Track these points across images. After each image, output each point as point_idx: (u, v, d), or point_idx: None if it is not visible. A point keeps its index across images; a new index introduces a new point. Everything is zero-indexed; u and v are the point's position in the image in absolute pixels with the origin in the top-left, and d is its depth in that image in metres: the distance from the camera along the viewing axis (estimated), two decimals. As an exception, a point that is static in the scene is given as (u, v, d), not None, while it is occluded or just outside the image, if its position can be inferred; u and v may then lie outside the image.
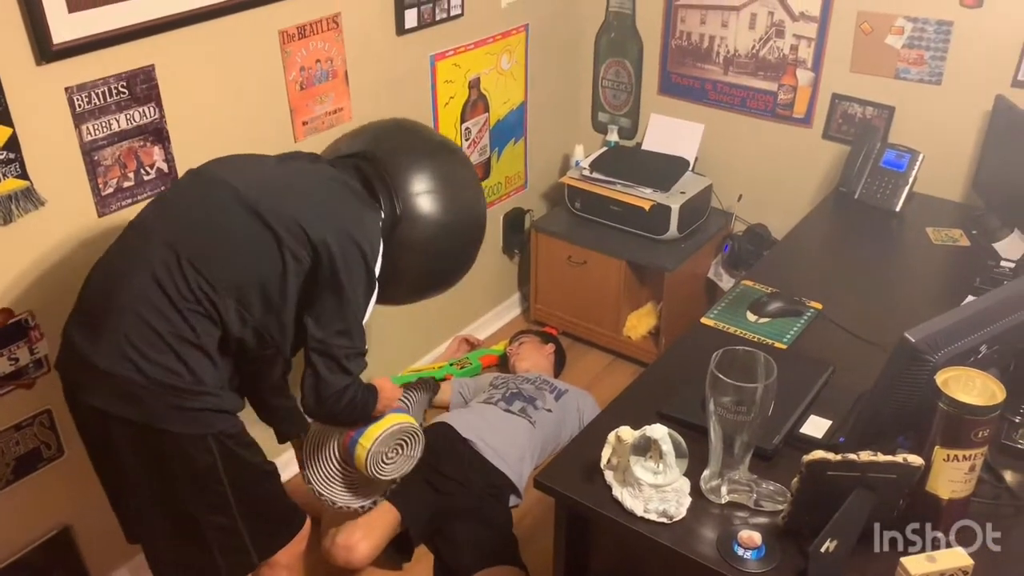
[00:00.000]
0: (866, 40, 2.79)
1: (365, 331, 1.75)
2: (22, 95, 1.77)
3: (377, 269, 1.73)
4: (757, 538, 1.43)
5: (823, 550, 1.36)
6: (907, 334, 1.44)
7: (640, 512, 1.51)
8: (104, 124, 1.93)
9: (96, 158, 1.93)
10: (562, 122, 3.45)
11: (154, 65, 1.98)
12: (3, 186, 1.79)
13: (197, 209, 1.66)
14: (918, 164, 2.66)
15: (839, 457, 1.35)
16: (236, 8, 2.09)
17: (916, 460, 1.36)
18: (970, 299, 2.08)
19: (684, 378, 1.78)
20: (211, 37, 2.07)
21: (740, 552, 1.42)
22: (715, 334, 2.04)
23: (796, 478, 1.40)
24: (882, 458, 1.35)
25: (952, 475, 1.40)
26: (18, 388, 1.95)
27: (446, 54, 2.78)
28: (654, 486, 1.51)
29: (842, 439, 1.63)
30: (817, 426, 1.69)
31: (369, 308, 1.74)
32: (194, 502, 1.68)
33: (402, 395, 2.17)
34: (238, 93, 2.18)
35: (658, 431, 1.50)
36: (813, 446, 1.50)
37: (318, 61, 2.35)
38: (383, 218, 1.78)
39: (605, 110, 3.46)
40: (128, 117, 1.96)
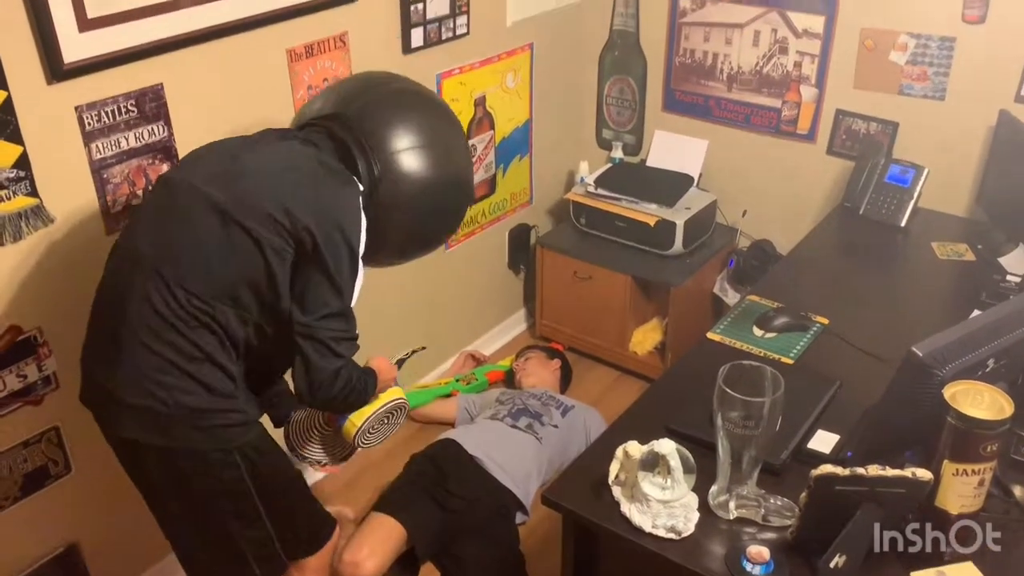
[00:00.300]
0: (869, 56, 2.80)
1: (354, 317, 1.69)
2: (33, 114, 1.79)
3: (361, 246, 1.67)
4: (766, 553, 1.43)
5: (832, 565, 1.36)
6: (915, 348, 1.45)
7: (648, 528, 1.51)
8: (113, 142, 1.95)
9: (105, 176, 1.95)
10: (567, 139, 3.47)
11: (163, 84, 1.99)
12: (13, 204, 1.80)
13: (175, 226, 1.62)
14: (922, 179, 2.67)
15: (847, 472, 1.35)
16: (244, 27, 2.11)
17: (925, 475, 1.36)
18: (976, 313, 2.08)
19: (691, 393, 1.78)
20: (219, 56, 2.09)
21: (749, 568, 1.42)
22: (722, 349, 2.04)
23: (804, 493, 1.40)
24: (891, 472, 1.34)
25: (961, 490, 1.39)
26: (26, 405, 1.95)
27: (452, 72, 2.80)
28: (662, 501, 1.51)
29: (850, 454, 1.63)
30: (825, 441, 1.69)
31: (356, 289, 1.68)
32: (226, 516, 1.70)
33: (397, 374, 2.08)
34: (246, 111, 2.20)
35: (666, 446, 1.50)
36: (821, 461, 1.50)
37: (325, 80, 2.37)
38: (362, 189, 1.71)
39: (609, 127, 3.47)
40: (137, 135, 1.98)
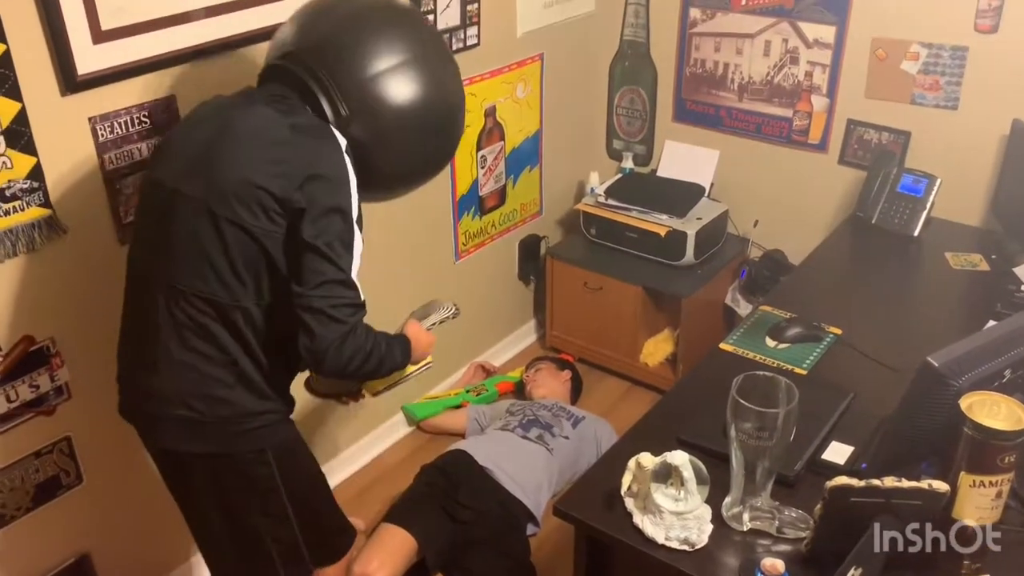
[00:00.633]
0: (881, 66, 2.79)
1: (355, 283, 1.58)
2: (47, 125, 1.80)
3: (354, 205, 1.58)
4: (780, 566, 1.41)
5: (848, 578, 1.35)
6: (930, 358, 1.43)
7: (661, 539, 1.50)
8: (126, 153, 1.95)
9: (118, 186, 1.96)
10: (577, 149, 3.47)
11: (175, 95, 2.00)
12: (27, 215, 1.81)
13: (172, 238, 1.60)
14: (935, 189, 2.65)
15: (862, 483, 1.33)
16: (255, 39, 2.12)
17: (942, 486, 1.34)
18: (991, 324, 2.06)
19: (704, 404, 1.77)
20: (230, 68, 2.10)
21: (763, 580, 1.41)
22: (734, 360, 2.03)
23: (819, 504, 1.39)
24: (907, 484, 1.33)
25: (979, 501, 1.38)
26: (39, 415, 1.95)
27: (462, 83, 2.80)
28: (675, 513, 1.50)
29: (864, 465, 1.62)
30: (839, 452, 1.68)
31: (356, 255, 1.58)
32: (258, 516, 1.71)
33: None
34: (258, 122, 2.20)
35: (678, 457, 1.49)
36: (835, 472, 1.49)
37: (336, 90, 2.37)
38: (345, 145, 1.58)
39: (620, 137, 3.47)
40: (149, 146, 1.98)
